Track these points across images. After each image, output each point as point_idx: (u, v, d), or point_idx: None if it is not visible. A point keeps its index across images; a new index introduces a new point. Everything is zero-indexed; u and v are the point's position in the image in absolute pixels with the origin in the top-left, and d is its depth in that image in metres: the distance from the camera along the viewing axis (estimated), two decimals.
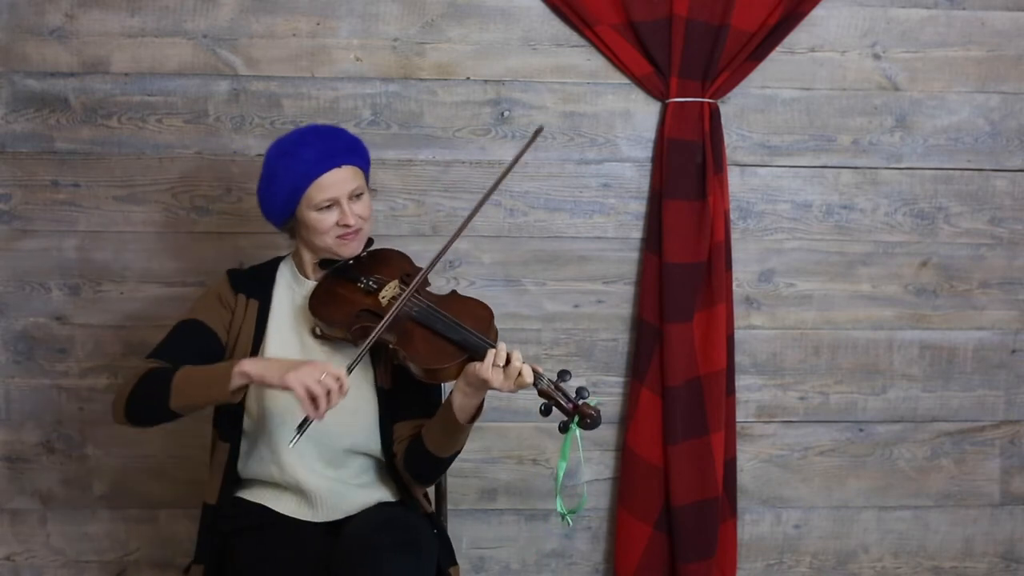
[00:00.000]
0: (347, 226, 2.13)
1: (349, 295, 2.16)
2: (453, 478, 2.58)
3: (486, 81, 2.66)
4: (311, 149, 2.13)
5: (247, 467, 2.18)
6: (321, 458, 2.14)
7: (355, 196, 2.15)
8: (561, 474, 2.04)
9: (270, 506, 2.15)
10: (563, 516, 2.02)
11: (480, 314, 2.13)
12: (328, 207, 2.13)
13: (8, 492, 2.70)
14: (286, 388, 1.93)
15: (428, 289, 2.22)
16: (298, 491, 2.15)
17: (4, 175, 2.61)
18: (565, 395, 1.97)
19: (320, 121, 2.61)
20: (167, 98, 2.61)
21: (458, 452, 2.14)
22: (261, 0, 2.61)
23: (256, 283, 2.23)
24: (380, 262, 2.24)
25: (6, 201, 2.62)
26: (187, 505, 2.64)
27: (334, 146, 2.15)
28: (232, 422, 2.17)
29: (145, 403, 2.04)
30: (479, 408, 2.07)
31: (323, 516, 2.15)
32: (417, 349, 2.05)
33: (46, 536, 2.72)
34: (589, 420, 1.94)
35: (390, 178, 2.66)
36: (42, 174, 2.62)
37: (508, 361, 1.98)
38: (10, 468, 2.69)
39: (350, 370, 1.98)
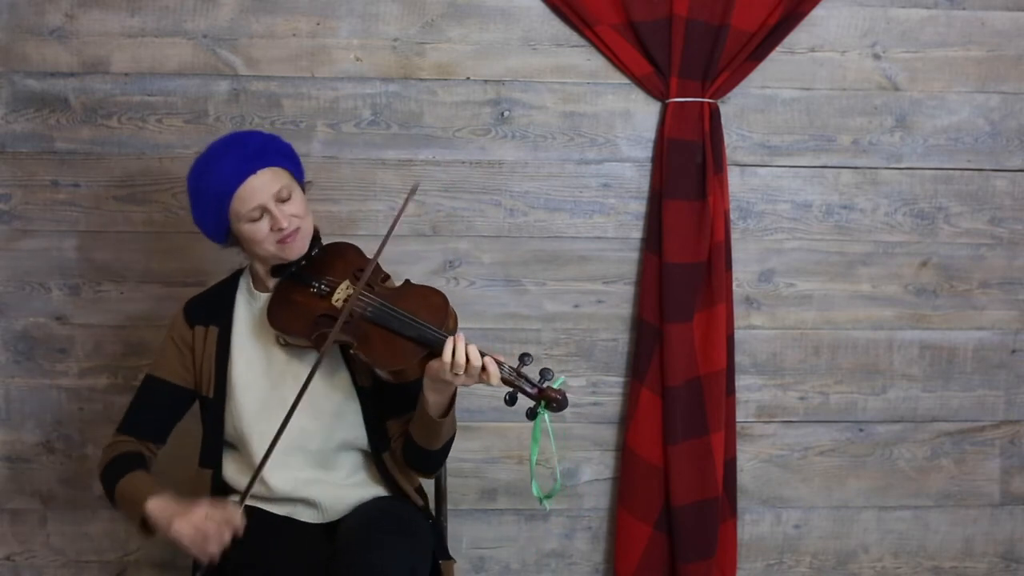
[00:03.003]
0: (281, 229, 2.07)
1: (304, 301, 2.13)
2: (453, 478, 2.58)
3: (486, 81, 2.66)
4: (223, 162, 2.07)
5: (240, 486, 2.16)
6: (309, 464, 2.14)
7: (282, 198, 2.08)
8: (534, 459, 2.03)
9: (268, 509, 2.15)
10: (540, 500, 2.01)
11: (434, 302, 2.08)
12: (258, 216, 2.07)
13: (8, 492, 2.70)
14: (172, 537, 1.94)
15: (383, 282, 2.18)
16: (293, 500, 2.15)
17: (4, 175, 2.62)
18: (528, 380, 1.96)
19: (320, 121, 2.63)
20: (167, 98, 2.62)
21: (450, 442, 2.14)
22: (261, 0, 2.61)
23: (215, 307, 2.20)
24: (330, 260, 2.18)
25: (6, 201, 2.62)
26: None
27: (244, 153, 2.08)
28: (212, 448, 2.17)
29: (107, 494, 2.13)
30: (451, 402, 2.06)
31: (322, 518, 2.15)
32: (376, 351, 2.03)
33: (46, 536, 2.72)
34: (555, 404, 1.93)
35: (390, 178, 2.66)
36: (42, 174, 2.62)
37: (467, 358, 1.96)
38: (10, 468, 2.69)
39: (283, 428, 1.96)
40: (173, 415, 2.21)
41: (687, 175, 2.64)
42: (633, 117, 2.69)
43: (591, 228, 2.71)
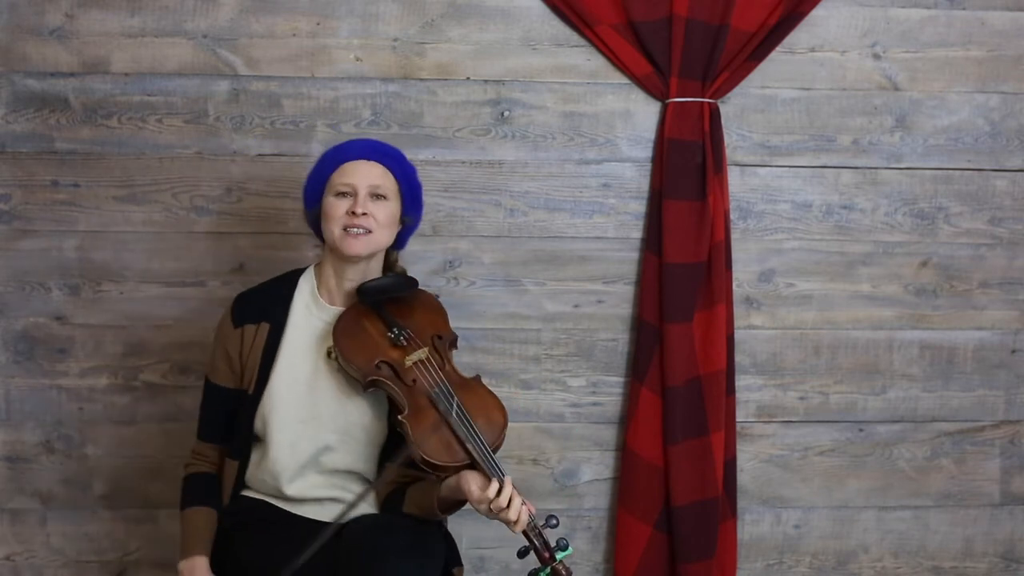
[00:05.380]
0: (354, 214, 2.09)
1: (377, 337, 2.11)
2: None
3: (486, 81, 2.66)
4: (357, 142, 2.21)
5: (252, 482, 2.19)
6: (323, 475, 2.14)
7: (376, 195, 2.13)
8: None
9: (281, 507, 2.15)
10: None
11: (494, 418, 2.07)
12: (345, 194, 2.12)
13: (8, 492, 2.70)
14: None
15: (454, 364, 2.16)
16: (306, 500, 2.15)
17: (4, 175, 2.61)
18: (545, 542, 1.96)
19: (320, 121, 2.63)
20: (167, 98, 2.62)
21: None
22: (261, 0, 2.61)
23: (268, 304, 2.19)
24: (417, 311, 2.18)
25: (6, 201, 2.62)
26: None
27: (376, 147, 2.19)
28: (243, 442, 2.17)
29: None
30: (459, 505, 2.06)
31: (335, 517, 2.15)
32: (423, 434, 1.99)
33: (46, 536, 2.72)
34: None
35: None
36: (42, 174, 2.62)
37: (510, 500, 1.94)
38: (10, 468, 2.69)
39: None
40: (234, 417, 2.20)
41: (687, 175, 2.64)
42: (633, 117, 2.69)
43: (591, 228, 2.71)
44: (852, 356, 2.78)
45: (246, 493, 2.18)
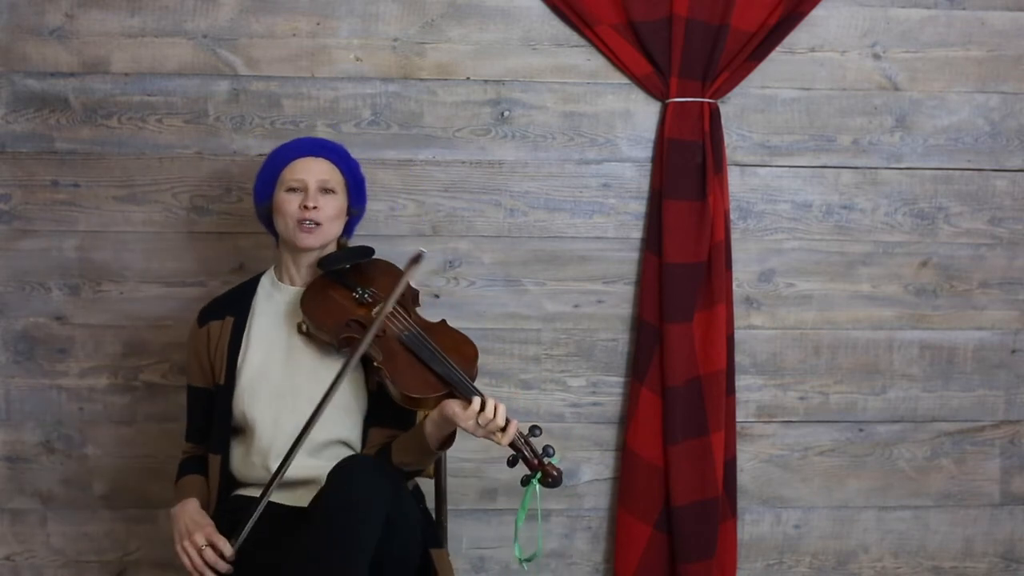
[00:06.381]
0: (306, 207, 2.19)
1: (342, 301, 2.20)
2: (453, 478, 2.58)
3: (486, 81, 2.66)
4: (303, 140, 2.32)
5: (241, 472, 2.21)
6: (307, 452, 2.14)
7: (325, 189, 2.24)
8: (520, 524, 2.09)
9: (275, 499, 2.15)
10: (521, 561, 2.09)
11: (466, 352, 2.16)
12: (296, 190, 2.22)
13: (8, 492, 2.70)
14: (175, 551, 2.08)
15: (419, 313, 2.25)
16: (296, 484, 2.15)
17: (4, 175, 2.62)
18: (532, 450, 2.04)
19: (320, 121, 2.63)
20: (167, 98, 2.62)
21: (420, 473, 2.22)
22: (261, 0, 2.61)
23: (232, 302, 2.29)
24: (379, 275, 2.28)
25: (6, 201, 2.62)
26: None
27: (321, 143, 2.32)
28: (220, 434, 2.21)
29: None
30: (452, 437, 2.11)
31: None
32: (400, 373, 2.08)
33: (46, 536, 2.72)
34: (550, 479, 2.01)
35: (390, 178, 2.66)
36: (42, 174, 2.62)
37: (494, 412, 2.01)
38: (10, 468, 2.69)
39: (304, 434, 2.02)
40: (211, 416, 2.27)
41: (687, 175, 2.64)
42: (633, 117, 2.69)
43: (591, 228, 2.71)
44: (852, 356, 2.78)
45: (240, 492, 2.19)
